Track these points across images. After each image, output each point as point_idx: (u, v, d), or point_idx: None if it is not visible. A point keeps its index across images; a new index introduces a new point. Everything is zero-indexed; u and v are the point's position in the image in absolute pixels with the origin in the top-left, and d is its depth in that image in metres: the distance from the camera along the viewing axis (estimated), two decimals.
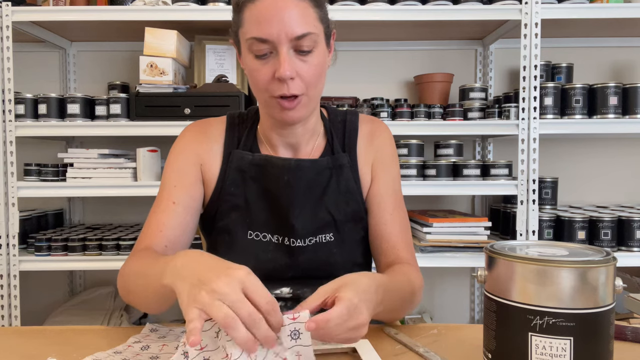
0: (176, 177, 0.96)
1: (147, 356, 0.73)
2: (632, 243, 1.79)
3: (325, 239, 0.95)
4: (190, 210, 0.95)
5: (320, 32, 0.87)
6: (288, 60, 0.83)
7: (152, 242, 0.90)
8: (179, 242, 0.93)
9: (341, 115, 1.04)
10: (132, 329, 0.86)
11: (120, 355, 0.73)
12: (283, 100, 0.86)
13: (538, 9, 1.75)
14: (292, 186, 0.94)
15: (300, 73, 0.85)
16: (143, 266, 0.82)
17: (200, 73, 1.98)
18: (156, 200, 0.95)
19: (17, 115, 1.80)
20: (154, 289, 0.75)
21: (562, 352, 0.57)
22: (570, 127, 1.80)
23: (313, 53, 0.86)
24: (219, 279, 0.61)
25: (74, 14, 1.80)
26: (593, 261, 0.58)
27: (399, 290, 0.84)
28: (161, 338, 0.81)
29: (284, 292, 0.94)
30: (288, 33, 0.82)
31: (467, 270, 2.24)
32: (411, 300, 0.90)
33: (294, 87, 0.85)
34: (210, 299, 0.59)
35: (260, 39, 0.83)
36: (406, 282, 0.88)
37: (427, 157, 1.96)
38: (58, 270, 2.18)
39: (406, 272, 0.91)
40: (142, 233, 0.93)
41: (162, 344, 0.77)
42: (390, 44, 2.19)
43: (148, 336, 0.83)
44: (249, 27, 0.84)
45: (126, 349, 0.76)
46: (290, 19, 0.82)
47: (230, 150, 0.98)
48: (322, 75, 0.89)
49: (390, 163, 1.02)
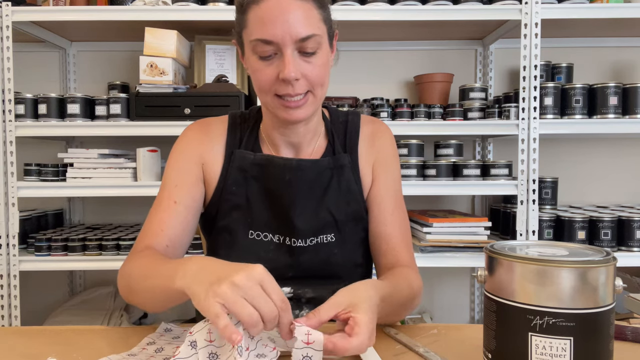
0: (177, 177, 0.96)
1: (161, 358, 0.73)
2: (632, 243, 1.79)
3: (326, 239, 0.96)
4: (191, 209, 0.94)
5: (324, 33, 0.87)
6: (292, 61, 0.83)
7: (153, 242, 0.90)
8: (179, 241, 0.93)
9: (343, 116, 1.04)
10: (132, 329, 0.86)
11: (135, 357, 0.73)
12: (287, 100, 0.86)
13: (538, 9, 1.75)
14: (294, 186, 0.94)
15: (305, 74, 0.85)
16: (148, 267, 0.81)
17: (200, 73, 1.98)
18: (157, 199, 0.95)
19: (17, 115, 1.80)
20: (162, 291, 0.75)
21: (562, 352, 0.57)
22: (570, 127, 1.80)
23: (317, 54, 0.86)
24: (239, 273, 0.62)
25: (73, 14, 1.80)
26: (593, 261, 0.58)
27: (399, 297, 0.84)
28: (175, 339, 0.81)
29: (285, 292, 0.93)
30: (292, 35, 0.82)
31: (467, 270, 2.24)
32: (410, 305, 0.90)
33: (299, 87, 0.85)
34: (233, 292, 0.61)
35: (265, 40, 0.83)
36: (406, 287, 0.88)
37: (427, 157, 1.96)
38: (58, 270, 2.18)
39: (407, 276, 0.91)
40: (143, 232, 0.92)
41: (175, 346, 0.77)
42: (390, 44, 2.19)
43: (162, 336, 0.82)
44: (253, 29, 0.84)
45: (140, 351, 0.75)
46: (294, 21, 0.82)
47: (232, 150, 0.98)
48: (326, 75, 0.89)
49: (391, 164, 1.02)
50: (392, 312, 0.82)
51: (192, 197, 0.95)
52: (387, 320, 0.86)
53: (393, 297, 0.80)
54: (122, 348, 0.77)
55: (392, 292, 0.81)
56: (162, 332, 0.83)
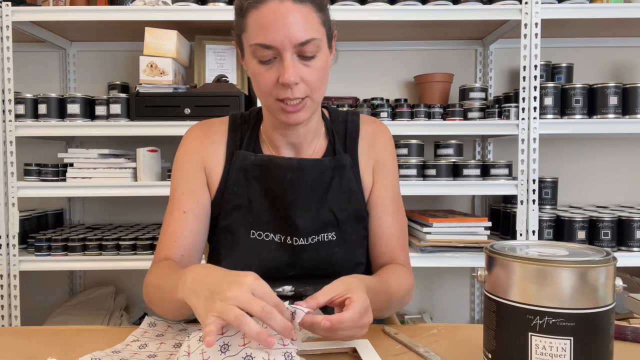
0: (183, 184, 0.98)
1: (145, 355, 0.73)
2: (632, 243, 1.79)
3: (327, 237, 0.96)
4: (201, 216, 0.98)
5: (323, 36, 0.88)
6: (292, 66, 0.84)
7: (169, 253, 0.94)
8: (193, 249, 0.97)
9: (342, 116, 1.05)
10: (132, 329, 0.86)
11: (118, 354, 0.73)
12: (287, 104, 0.87)
13: (538, 9, 1.75)
14: (295, 185, 0.95)
15: (305, 78, 0.86)
16: (159, 279, 0.87)
17: (200, 73, 1.98)
18: (167, 208, 0.99)
19: (17, 115, 1.80)
20: (170, 302, 0.80)
21: (562, 352, 0.57)
22: (570, 127, 1.80)
23: (316, 57, 0.87)
24: (230, 287, 0.65)
25: (73, 14, 1.80)
26: (593, 261, 0.58)
27: (387, 292, 0.88)
28: (159, 336, 0.82)
29: (286, 290, 0.95)
30: (292, 39, 0.83)
31: (467, 270, 2.24)
32: (399, 303, 0.94)
33: (298, 91, 0.86)
34: (224, 305, 0.63)
35: (265, 45, 0.84)
36: (395, 283, 0.92)
37: (427, 157, 1.96)
38: (58, 270, 2.18)
39: (397, 272, 0.96)
40: (159, 243, 0.97)
41: (160, 342, 0.77)
42: (390, 44, 2.19)
43: (146, 332, 0.83)
44: (252, 33, 0.85)
45: (124, 348, 0.76)
46: (294, 25, 0.82)
47: (233, 151, 0.99)
48: (325, 78, 0.91)
49: (391, 165, 1.04)
50: (380, 303, 0.85)
51: (200, 203, 0.98)
52: (376, 313, 0.86)
53: (380, 288, 0.85)
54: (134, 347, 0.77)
55: (379, 283, 0.86)
56: (146, 329, 0.85)
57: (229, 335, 0.65)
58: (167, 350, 0.75)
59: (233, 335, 0.65)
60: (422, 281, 2.23)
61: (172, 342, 0.78)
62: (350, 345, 0.75)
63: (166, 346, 0.76)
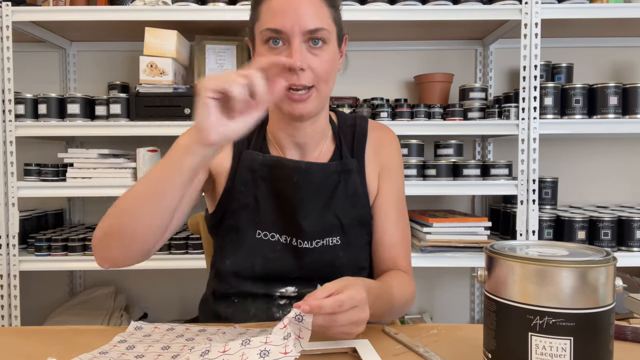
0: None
1: (133, 355, 0.73)
2: (632, 243, 1.79)
3: (331, 241, 0.97)
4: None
5: (333, 32, 0.90)
6: (300, 51, 0.86)
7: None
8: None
9: (350, 120, 1.06)
10: (124, 329, 0.86)
11: (106, 355, 0.73)
12: (293, 93, 0.87)
13: (538, 9, 1.75)
14: (301, 188, 0.95)
15: (312, 66, 0.87)
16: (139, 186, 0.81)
17: (200, 73, 1.97)
18: None
19: (17, 115, 1.80)
20: (163, 181, 0.77)
21: (562, 352, 0.57)
22: (570, 127, 1.80)
23: (324, 49, 0.88)
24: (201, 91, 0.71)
25: (73, 14, 1.80)
26: (593, 261, 0.58)
27: (388, 296, 0.88)
28: (146, 337, 0.81)
29: (289, 291, 0.96)
30: (301, 26, 0.85)
31: (467, 270, 2.24)
32: (400, 309, 0.94)
33: (304, 78, 0.87)
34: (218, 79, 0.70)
35: (274, 29, 0.86)
36: (397, 289, 0.92)
37: (427, 157, 1.96)
38: (58, 270, 2.17)
39: (399, 278, 0.96)
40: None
41: (147, 345, 0.77)
42: (390, 44, 2.19)
43: (133, 334, 0.82)
44: (264, 20, 0.88)
45: (112, 348, 0.76)
46: (304, 14, 0.86)
47: (241, 150, 0.99)
48: (332, 72, 0.92)
49: (397, 173, 1.05)
50: (381, 307, 0.85)
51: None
52: (376, 318, 0.86)
53: (381, 292, 0.85)
54: (122, 348, 0.77)
55: (381, 287, 0.86)
56: (133, 331, 0.84)
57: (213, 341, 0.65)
58: (155, 352, 0.74)
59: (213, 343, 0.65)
60: (422, 281, 2.23)
61: (160, 344, 0.77)
62: (350, 345, 0.75)
63: (154, 348, 0.76)
